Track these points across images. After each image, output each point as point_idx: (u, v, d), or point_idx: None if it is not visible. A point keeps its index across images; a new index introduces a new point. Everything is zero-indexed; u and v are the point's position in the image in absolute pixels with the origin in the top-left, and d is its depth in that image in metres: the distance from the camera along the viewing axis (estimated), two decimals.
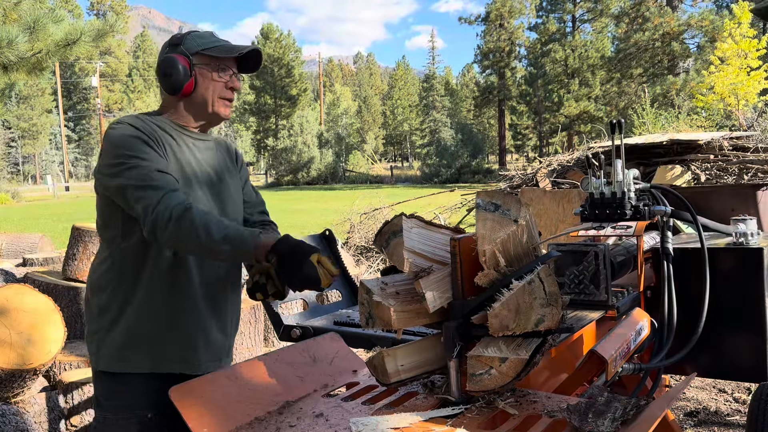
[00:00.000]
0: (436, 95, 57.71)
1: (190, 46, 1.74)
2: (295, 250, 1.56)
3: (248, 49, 1.78)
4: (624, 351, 1.82)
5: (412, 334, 1.92)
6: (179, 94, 1.74)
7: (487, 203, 1.43)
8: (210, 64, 1.75)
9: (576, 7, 39.28)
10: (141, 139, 1.64)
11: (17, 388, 2.92)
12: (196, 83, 1.74)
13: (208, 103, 1.77)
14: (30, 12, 4.22)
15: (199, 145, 1.83)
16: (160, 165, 1.63)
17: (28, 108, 48.06)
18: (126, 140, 1.64)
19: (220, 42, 1.78)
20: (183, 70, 1.71)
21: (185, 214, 1.55)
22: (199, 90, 1.75)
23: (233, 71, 1.80)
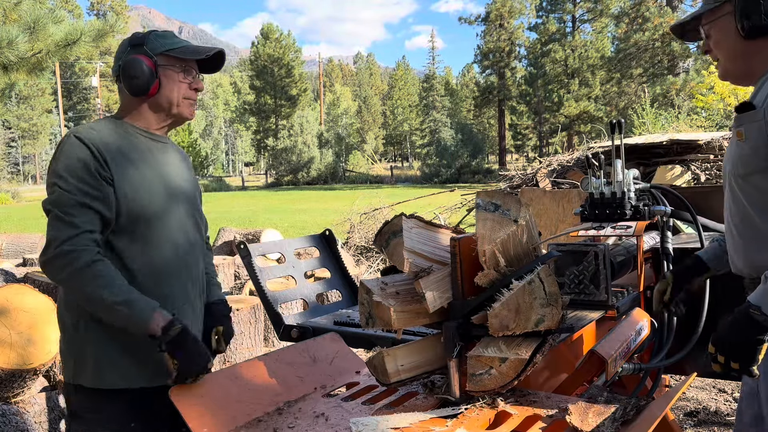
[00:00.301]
0: (436, 95, 57.69)
1: (154, 47, 1.72)
2: (187, 346, 1.54)
3: (214, 51, 1.79)
4: (624, 351, 1.82)
5: (412, 334, 1.91)
6: (145, 95, 1.73)
7: (487, 203, 1.43)
8: (175, 66, 1.75)
9: (576, 7, 39.28)
10: (85, 164, 1.61)
11: (17, 388, 2.92)
12: (161, 84, 1.73)
13: (173, 104, 1.77)
14: (30, 12, 4.22)
15: (168, 151, 1.83)
16: (85, 198, 1.59)
17: (28, 108, 48.04)
18: (69, 162, 1.62)
19: (183, 43, 1.78)
20: (148, 71, 1.70)
21: (94, 265, 1.55)
22: (164, 91, 1.74)
23: (196, 72, 1.80)
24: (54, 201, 1.60)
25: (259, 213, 19.38)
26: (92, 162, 1.62)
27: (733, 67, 1.57)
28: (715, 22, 1.55)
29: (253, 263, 2.41)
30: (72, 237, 1.56)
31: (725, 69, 1.59)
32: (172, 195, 1.77)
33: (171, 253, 1.76)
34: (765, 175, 1.47)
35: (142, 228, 1.69)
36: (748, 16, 1.45)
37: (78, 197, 1.59)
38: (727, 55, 1.56)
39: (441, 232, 1.53)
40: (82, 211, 1.58)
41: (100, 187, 1.62)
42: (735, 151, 1.53)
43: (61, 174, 1.61)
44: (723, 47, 1.55)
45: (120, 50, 1.77)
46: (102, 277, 1.55)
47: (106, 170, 1.63)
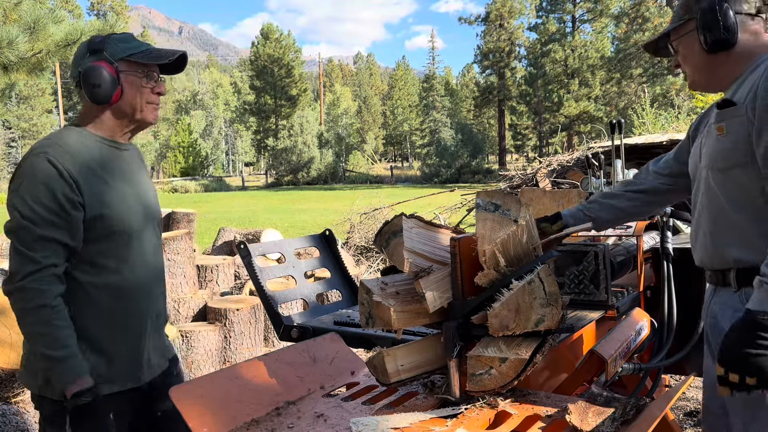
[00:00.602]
0: (436, 95, 57.68)
1: (114, 52, 1.67)
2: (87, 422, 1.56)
3: (177, 54, 1.75)
4: (624, 351, 1.82)
5: (412, 334, 1.92)
6: (107, 104, 1.68)
7: (487, 203, 1.43)
8: (137, 71, 1.70)
9: (576, 8, 39.29)
10: (52, 191, 1.57)
11: (17, 388, 2.92)
12: (123, 91, 1.68)
13: (136, 110, 1.72)
14: (30, 12, 4.22)
15: (134, 160, 1.82)
16: (49, 230, 1.56)
17: (28, 108, 48.04)
18: (35, 187, 1.57)
19: (144, 47, 1.73)
20: (110, 78, 1.65)
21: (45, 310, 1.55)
22: (127, 98, 1.70)
23: (158, 75, 1.76)
24: (16, 233, 1.57)
25: (259, 213, 19.39)
26: (60, 187, 1.58)
27: (700, 78, 1.66)
28: (681, 39, 1.66)
29: (253, 263, 2.41)
30: (33, 272, 1.55)
31: (693, 80, 1.69)
32: (147, 213, 1.77)
33: (145, 272, 1.76)
34: (745, 169, 1.52)
35: (118, 246, 1.68)
36: (710, 32, 1.55)
37: (41, 229, 1.56)
38: (693, 68, 1.66)
39: (441, 232, 1.53)
40: (45, 245, 1.56)
41: (66, 216, 1.58)
42: (714, 146, 1.58)
43: (26, 200, 1.57)
44: (689, 61, 1.66)
45: (78, 55, 1.71)
46: (49, 325, 1.55)
47: (77, 194, 1.60)
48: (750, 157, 1.50)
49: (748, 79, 1.54)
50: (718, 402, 1.69)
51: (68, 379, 1.56)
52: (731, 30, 1.54)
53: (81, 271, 1.65)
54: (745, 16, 1.56)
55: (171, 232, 4.93)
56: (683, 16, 1.64)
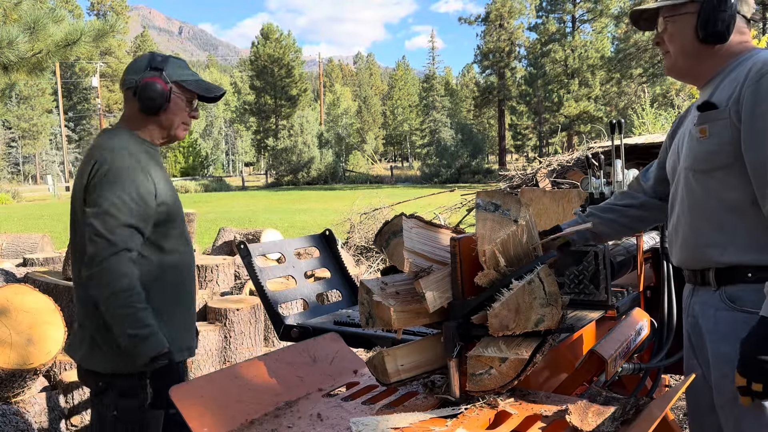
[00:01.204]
0: (436, 95, 57.66)
1: (171, 74, 1.94)
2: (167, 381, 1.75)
3: (221, 92, 2.04)
4: (624, 351, 1.82)
5: (412, 334, 1.92)
6: (155, 115, 1.94)
7: (487, 203, 1.43)
8: (183, 96, 1.97)
9: (576, 8, 39.28)
10: (133, 181, 1.81)
11: (17, 388, 2.92)
12: (169, 108, 1.94)
13: (173, 127, 1.98)
14: (30, 12, 4.22)
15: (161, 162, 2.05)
16: (134, 219, 1.80)
17: (28, 108, 48.03)
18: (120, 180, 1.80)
19: (194, 76, 2.01)
20: (164, 94, 1.91)
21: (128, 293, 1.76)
22: (170, 114, 1.95)
23: (196, 102, 2.04)
24: (102, 219, 1.77)
25: (259, 213, 19.38)
26: (141, 179, 1.83)
27: (683, 64, 1.63)
28: (674, 18, 1.60)
29: (253, 263, 2.41)
30: (112, 254, 1.75)
31: (674, 63, 1.64)
32: (176, 204, 2.01)
33: (189, 253, 2.04)
34: (728, 171, 1.52)
35: (174, 230, 1.95)
36: (710, 22, 1.53)
37: (125, 217, 1.78)
38: (680, 51, 1.61)
39: (441, 232, 1.53)
40: (125, 231, 1.78)
41: (145, 205, 1.83)
42: (696, 148, 1.58)
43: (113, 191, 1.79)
44: (677, 43, 1.61)
45: (138, 66, 1.95)
46: (132, 307, 1.76)
47: (152, 185, 1.86)
48: (733, 159, 1.51)
49: (728, 78, 1.55)
50: (705, 399, 1.70)
51: (151, 352, 1.77)
52: (729, 26, 1.53)
53: (149, 253, 1.87)
54: (741, 17, 1.57)
55: None
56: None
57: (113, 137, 1.91)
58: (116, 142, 1.88)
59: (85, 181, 1.84)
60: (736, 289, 1.53)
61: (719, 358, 1.57)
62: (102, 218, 1.77)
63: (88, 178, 1.83)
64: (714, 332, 1.59)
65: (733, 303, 1.54)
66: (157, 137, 1.99)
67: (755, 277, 1.48)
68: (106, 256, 1.74)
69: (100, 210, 1.77)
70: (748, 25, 1.60)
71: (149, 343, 1.77)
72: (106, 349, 1.86)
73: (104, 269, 1.74)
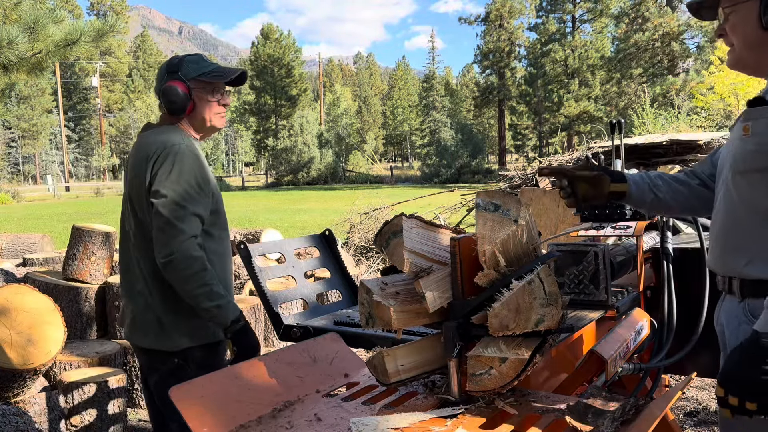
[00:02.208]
0: (436, 95, 57.65)
1: (187, 72, 2.05)
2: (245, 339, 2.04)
3: (238, 72, 2.13)
4: (624, 351, 1.82)
5: (412, 334, 1.92)
6: (183, 114, 2.07)
7: (487, 203, 1.43)
8: (205, 88, 2.08)
9: (576, 7, 39.28)
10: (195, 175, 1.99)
11: (17, 388, 2.92)
12: (195, 105, 2.07)
13: (206, 120, 2.12)
14: (30, 12, 4.21)
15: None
16: (198, 208, 1.98)
17: (28, 108, 48.02)
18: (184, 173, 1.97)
19: (211, 66, 2.10)
20: (183, 95, 2.03)
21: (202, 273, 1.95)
22: (198, 110, 2.09)
23: (223, 89, 2.14)
24: (171, 209, 1.93)
25: (259, 213, 19.38)
26: (200, 171, 2.00)
27: (747, 55, 1.52)
28: (737, 6, 1.50)
29: (253, 263, 2.41)
30: (184, 241, 1.92)
31: (738, 56, 1.54)
32: (219, 198, 2.16)
33: (228, 240, 2.22)
34: (764, 174, 1.43)
35: (219, 219, 2.12)
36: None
37: (192, 206, 1.96)
38: (743, 42, 1.51)
39: (441, 232, 1.53)
40: (192, 219, 1.96)
41: (204, 195, 2.00)
42: (738, 146, 1.49)
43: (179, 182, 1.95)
44: (740, 34, 1.51)
45: (160, 74, 2.10)
46: (207, 284, 1.95)
47: (205, 173, 2.02)
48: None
49: None
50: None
51: (232, 316, 2.00)
52: None
53: (204, 239, 2.04)
54: None
55: None
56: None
57: (162, 133, 2.03)
58: (169, 137, 2.00)
59: (148, 175, 1.97)
60: (759, 304, 1.41)
61: None
62: (171, 208, 1.92)
63: (151, 172, 1.97)
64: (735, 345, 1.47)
65: (755, 318, 1.41)
66: (196, 132, 2.14)
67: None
68: (178, 244, 1.91)
69: (167, 201, 1.92)
70: None
71: (228, 309, 1.99)
72: (179, 326, 2.04)
73: (178, 257, 1.91)
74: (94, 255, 3.95)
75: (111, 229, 4.14)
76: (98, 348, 3.58)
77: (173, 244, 1.91)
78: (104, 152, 51.39)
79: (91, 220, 15.69)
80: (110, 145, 57.47)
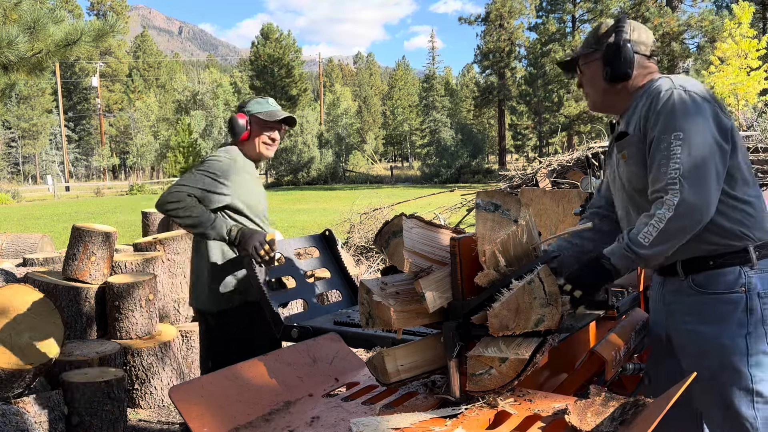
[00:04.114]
0: (436, 95, 57.61)
1: (250, 110, 2.69)
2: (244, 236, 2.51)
3: (284, 116, 2.70)
4: (624, 351, 1.82)
5: (412, 334, 1.92)
6: (239, 140, 2.67)
7: (487, 203, 1.43)
8: (259, 123, 2.68)
9: (576, 8, 39.25)
10: (217, 171, 2.57)
11: (17, 388, 2.92)
12: (250, 134, 2.68)
13: (256, 147, 2.69)
14: (30, 12, 4.21)
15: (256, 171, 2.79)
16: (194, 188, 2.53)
17: (28, 108, 48.03)
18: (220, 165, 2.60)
19: (268, 108, 2.70)
20: (242, 125, 2.65)
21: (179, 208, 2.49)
22: (252, 138, 2.69)
23: (274, 126, 2.70)
24: (185, 177, 2.59)
25: None
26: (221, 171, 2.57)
27: (599, 101, 1.94)
28: (588, 64, 1.93)
29: (253, 263, 2.41)
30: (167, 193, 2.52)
31: (593, 101, 1.97)
32: (260, 197, 2.75)
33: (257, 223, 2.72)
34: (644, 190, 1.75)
35: (247, 213, 2.64)
36: (611, 65, 1.83)
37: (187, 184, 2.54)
38: (594, 91, 1.93)
39: (441, 232, 1.53)
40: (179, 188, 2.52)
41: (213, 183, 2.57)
42: (625, 170, 1.84)
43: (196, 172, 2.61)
44: (591, 84, 1.93)
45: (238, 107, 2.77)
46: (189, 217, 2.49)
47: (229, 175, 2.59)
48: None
49: (638, 107, 1.80)
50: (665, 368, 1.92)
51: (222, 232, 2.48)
52: (629, 66, 1.82)
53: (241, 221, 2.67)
54: (641, 56, 1.85)
55: (171, 233, 4.93)
56: (592, 45, 1.90)
57: (218, 148, 2.76)
58: (218, 150, 2.69)
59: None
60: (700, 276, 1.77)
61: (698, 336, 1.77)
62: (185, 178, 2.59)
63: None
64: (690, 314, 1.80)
65: (699, 288, 1.77)
66: (250, 155, 2.71)
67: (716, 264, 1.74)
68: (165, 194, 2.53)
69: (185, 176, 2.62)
70: (650, 58, 1.87)
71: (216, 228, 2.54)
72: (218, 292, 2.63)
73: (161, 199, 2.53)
74: (94, 255, 3.95)
75: (111, 229, 4.14)
76: (98, 348, 3.58)
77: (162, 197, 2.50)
78: (104, 152, 51.33)
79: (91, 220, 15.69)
80: (110, 145, 57.44)
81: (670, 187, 1.62)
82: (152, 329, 3.94)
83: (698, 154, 1.63)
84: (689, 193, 1.60)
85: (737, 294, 1.71)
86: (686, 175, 1.61)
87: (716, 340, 1.73)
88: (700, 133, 1.65)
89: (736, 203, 1.73)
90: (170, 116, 55.68)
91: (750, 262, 1.72)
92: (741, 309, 1.71)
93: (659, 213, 1.63)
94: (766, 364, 1.72)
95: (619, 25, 1.87)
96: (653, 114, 1.72)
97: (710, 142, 1.65)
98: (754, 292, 1.71)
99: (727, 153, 1.69)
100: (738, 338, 1.71)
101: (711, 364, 1.75)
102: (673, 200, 1.61)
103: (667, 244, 1.65)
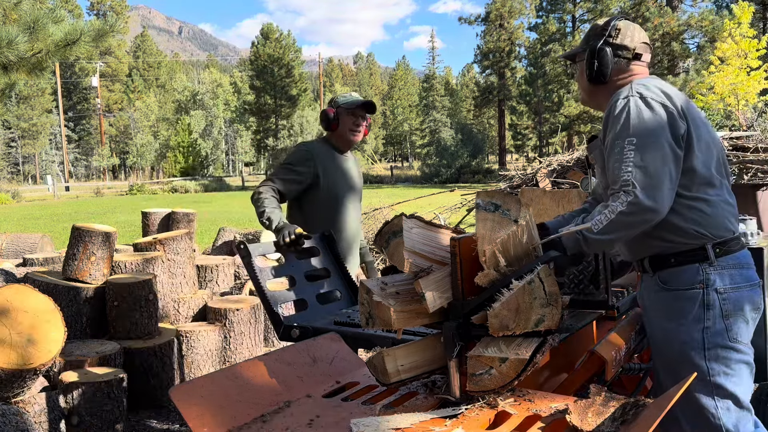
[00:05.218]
0: (436, 95, 57.62)
1: (338, 102, 3.06)
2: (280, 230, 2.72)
3: (362, 101, 3.05)
4: (624, 351, 1.82)
5: (412, 334, 1.91)
6: (329, 130, 3.08)
7: (487, 203, 1.43)
8: (344, 113, 3.04)
9: (576, 7, 39.23)
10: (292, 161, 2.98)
11: (17, 388, 2.92)
12: (339, 123, 3.04)
13: (344, 135, 3.07)
14: (30, 12, 4.21)
15: (345, 160, 3.13)
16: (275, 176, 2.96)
17: (28, 108, 48.03)
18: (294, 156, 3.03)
19: (351, 99, 3.06)
20: (332, 116, 3.04)
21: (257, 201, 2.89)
22: (340, 127, 3.05)
23: (359, 114, 3.05)
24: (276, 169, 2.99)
25: None
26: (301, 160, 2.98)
27: (586, 97, 2.08)
28: (578, 63, 2.06)
29: (253, 263, 2.41)
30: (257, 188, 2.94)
31: (582, 97, 2.11)
32: (349, 187, 3.10)
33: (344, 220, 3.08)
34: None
35: (332, 201, 3.01)
36: (590, 68, 1.95)
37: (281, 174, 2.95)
38: (581, 88, 2.08)
39: (441, 232, 1.53)
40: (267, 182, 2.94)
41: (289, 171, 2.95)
42: (597, 172, 1.97)
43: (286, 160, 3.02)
44: (579, 82, 2.08)
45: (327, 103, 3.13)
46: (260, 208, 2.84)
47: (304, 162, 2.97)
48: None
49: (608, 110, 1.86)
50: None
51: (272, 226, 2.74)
52: (603, 72, 1.92)
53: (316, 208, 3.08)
54: (622, 60, 1.94)
55: (170, 232, 4.93)
56: (582, 44, 2.02)
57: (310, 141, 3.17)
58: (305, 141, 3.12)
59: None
60: (664, 274, 1.86)
61: (662, 331, 1.86)
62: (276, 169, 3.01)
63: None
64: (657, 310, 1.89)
65: (664, 284, 1.85)
66: (340, 144, 3.09)
67: (677, 261, 1.82)
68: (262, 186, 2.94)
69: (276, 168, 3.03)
70: (635, 60, 1.94)
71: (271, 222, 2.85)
72: None
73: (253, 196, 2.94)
74: (94, 255, 3.95)
75: (111, 229, 4.14)
76: (98, 348, 3.58)
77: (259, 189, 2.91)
78: (104, 152, 51.31)
79: (91, 220, 15.69)
80: (110, 145, 57.43)
81: (624, 188, 1.69)
82: (152, 329, 3.94)
83: (650, 159, 1.69)
84: (643, 195, 1.66)
85: (695, 290, 1.79)
86: (638, 178, 1.68)
87: (676, 335, 1.81)
88: (652, 138, 1.72)
89: (692, 203, 1.79)
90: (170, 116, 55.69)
91: (708, 259, 1.79)
92: (698, 305, 1.78)
93: (613, 205, 1.69)
94: (725, 357, 1.78)
95: (605, 28, 1.98)
96: (610, 120, 1.80)
97: (663, 147, 1.71)
98: (712, 288, 1.77)
99: (680, 158, 1.75)
100: (695, 333, 1.78)
101: (673, 359, 1.83)
102: (626, 198, 1.68)
103: (613, 234, 1.70)
